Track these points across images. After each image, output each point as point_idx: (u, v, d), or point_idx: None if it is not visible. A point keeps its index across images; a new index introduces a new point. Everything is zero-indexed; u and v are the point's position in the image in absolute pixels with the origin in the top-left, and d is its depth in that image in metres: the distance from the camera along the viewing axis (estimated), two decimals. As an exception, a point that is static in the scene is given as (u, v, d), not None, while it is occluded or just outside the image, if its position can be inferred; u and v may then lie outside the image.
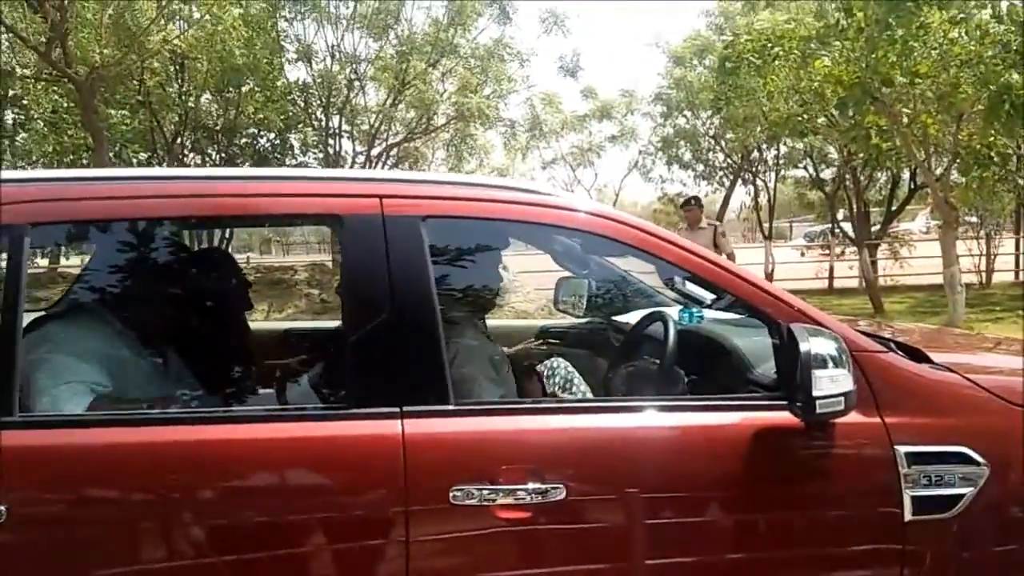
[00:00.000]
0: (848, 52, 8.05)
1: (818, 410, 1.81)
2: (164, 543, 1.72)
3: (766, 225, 20.98)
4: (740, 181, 21.53)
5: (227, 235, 11.45)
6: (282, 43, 15.62)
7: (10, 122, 9.93)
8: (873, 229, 16.78)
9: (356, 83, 15.83)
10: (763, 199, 21.36)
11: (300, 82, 16.19)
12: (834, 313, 2.37)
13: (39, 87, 9.86)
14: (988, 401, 2.04)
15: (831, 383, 1.82)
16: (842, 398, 1.83)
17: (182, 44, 10.59)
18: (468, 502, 1.79)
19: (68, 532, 1.68)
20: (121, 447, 1.73)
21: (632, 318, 2.94)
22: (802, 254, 18.62)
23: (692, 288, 2.37)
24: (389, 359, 1.87)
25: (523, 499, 1.80)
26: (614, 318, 3.22)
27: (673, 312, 2.94)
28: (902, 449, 1.92)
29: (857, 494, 1.97)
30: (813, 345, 1.84)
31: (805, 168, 19.49)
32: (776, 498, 1.97)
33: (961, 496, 1.92)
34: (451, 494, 1.78)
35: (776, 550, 1.97)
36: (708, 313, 2.45)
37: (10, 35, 8.25)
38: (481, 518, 1.81)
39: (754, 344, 2.31)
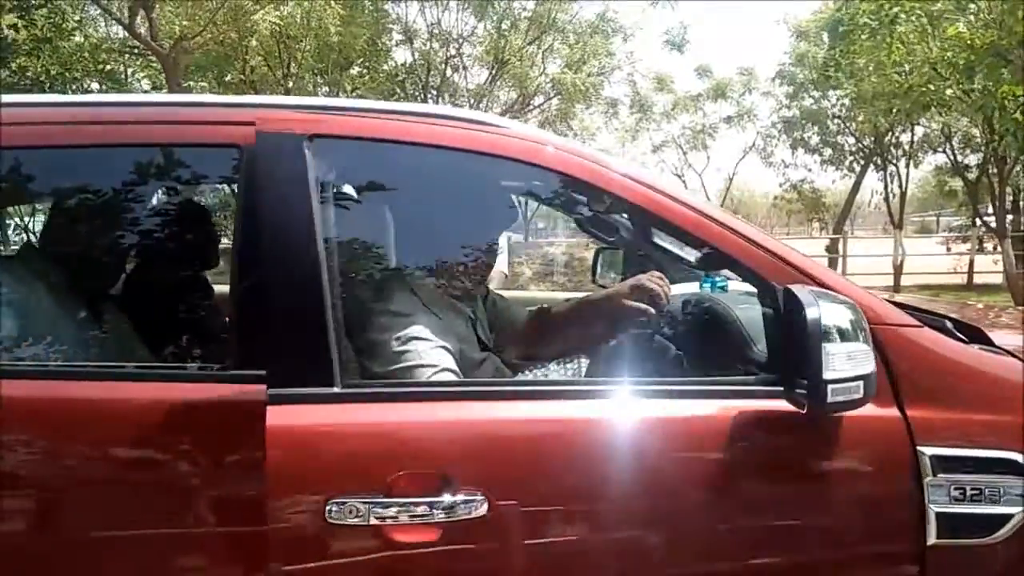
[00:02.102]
0: (985, 15, 7.06)
1: (830, 398, 1.39)
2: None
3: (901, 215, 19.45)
4: (872, 167, 20.03)
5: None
6: (389, 26, 15.77)
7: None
8: (1024, 220, 15.33)
9: (454, 62, 15.78)
10: (898, 187, 19.78)
11: (405, 64, 16.33)
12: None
13: (138, 61, 10.32)
14: None
15: (847, 362, 1.40)
16: (861, 383, 1.41)
17: (279, 22, 10.73)
18: (351, 521, 1.37)
19: None
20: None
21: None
22: (948, 248, 17.16)
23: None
24: (248, 322, 1.50)
25: (428, 516, 1.39)
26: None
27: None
28: (928, 451, 1.51)
29: (863, 509, 1.56)
30: (824, 312, 1.39)
31: (945, 152, 17.89)
32: (759, 513, 1.56)
33: (1008, 517, 1.50)
34: (327, 509, 1.37)
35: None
36: (734, 284, 2.16)
37: (96, 7, 8.65)
38: (368, 541, 1.39)
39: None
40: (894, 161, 19.59)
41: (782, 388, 1.48)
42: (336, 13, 11.56)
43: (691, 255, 1.98)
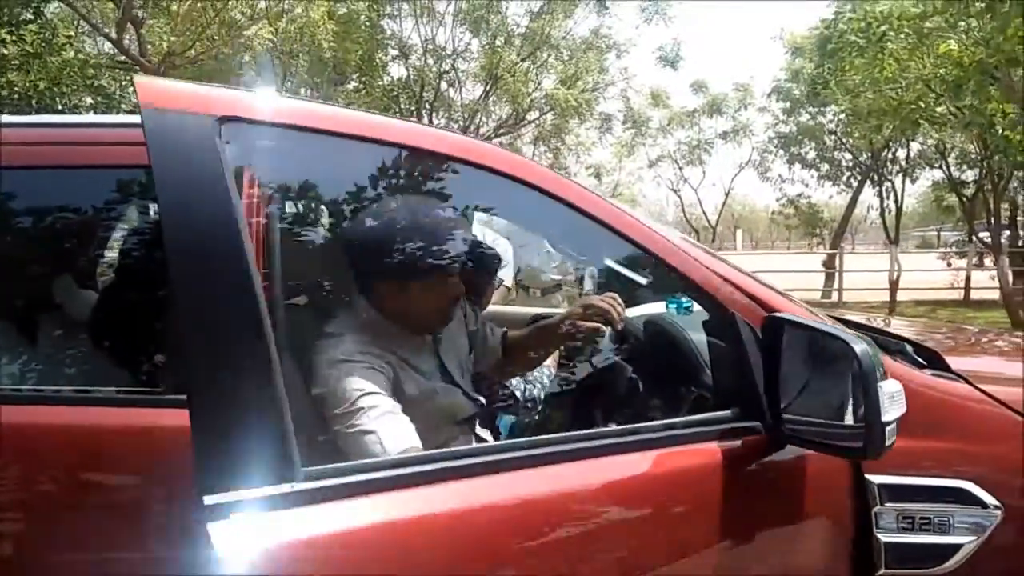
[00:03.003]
0: (975, 32, 7.04)
1: (887, 441, 1.29)
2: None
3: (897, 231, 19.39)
4: (869, 182, 20.02)
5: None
6: (385, 41, 15.82)
7: (92, 111, 10.47)
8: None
9: (448, 77, 15.80)
10: (894, 202, 19.76)
11: (400, 79, 16.36)
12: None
13: (128, 76, 10.32)
14: (1009, 423, 1.54)
15: (892, 403, 1.31)
16: (896, 423, 1.32)
17: (273, 37, 10.76)
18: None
19: None
20: None
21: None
22: (948, 264, 17.06)
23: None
24: None
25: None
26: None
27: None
28: (876, 480, 1.46)
29: (811, 538, 1.51)
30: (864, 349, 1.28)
31: (941, 168, 17.88)
32: (696, 538, 1.44)
33: (958, 547, 1.45)
34: None
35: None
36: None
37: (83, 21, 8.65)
38: None
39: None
40: (890, 176, 19.58)
41: (755, 423, 1.41)
42: (330, 29, 11.58)
43: (644, 278, 1.92)
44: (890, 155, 18.87)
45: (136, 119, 1.19)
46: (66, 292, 2.09)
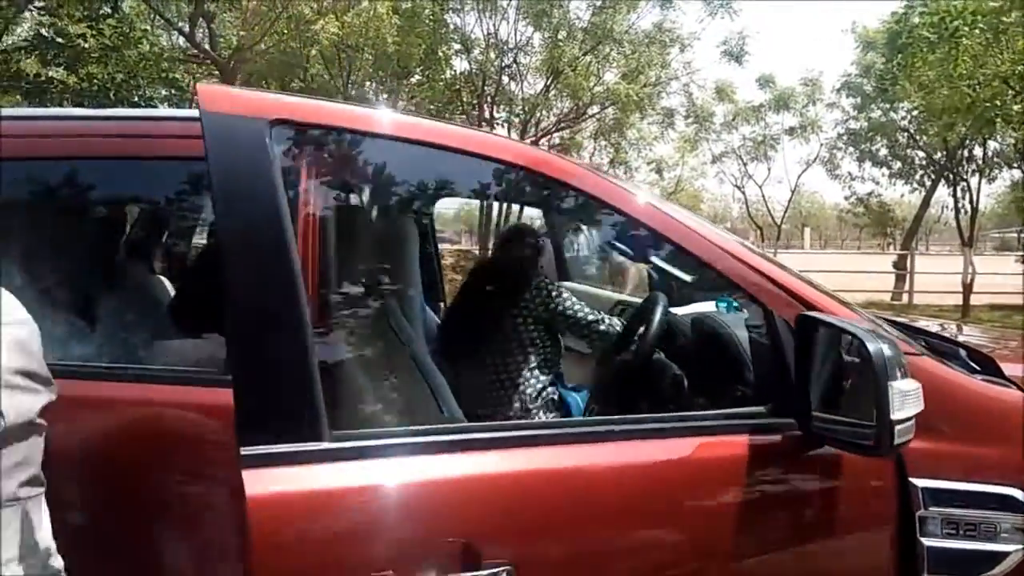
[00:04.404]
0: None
1: (897, 440, 1.29)
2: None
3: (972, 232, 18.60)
4: (943, 181, 19.28)
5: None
6: (448, 36, 15.93)
7: (165, 104, 10.84)
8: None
9: (510, 71, 15.82)
10: (969, 203, 18.97)
11: (462, 73, 16.47)
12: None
13: (200, 69, 10.66)
14: None
15: (905, 400, 1.30)
16: (913, 421, 1.32)
17: (339, 32, 10.95)
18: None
19: None
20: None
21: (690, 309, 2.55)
22: (1027, 266, 16.28)
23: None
24: None
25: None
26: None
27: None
28: (920, 484, 1.44)
29: (849, 540, 1.48)
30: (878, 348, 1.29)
31: (1020, 168, 17.10)
32: (736, 534, 1.45)
33: (1004, 554, 1.42)
34: None
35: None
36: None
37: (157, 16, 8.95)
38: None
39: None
40: (966, 176, 18.81)
41: (791, 420, 1.40)
42: (394, 24, 11.73)
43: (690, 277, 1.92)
44: (966, 154, 18.12)
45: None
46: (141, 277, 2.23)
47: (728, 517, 1.40)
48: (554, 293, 2.53)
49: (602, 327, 2.54)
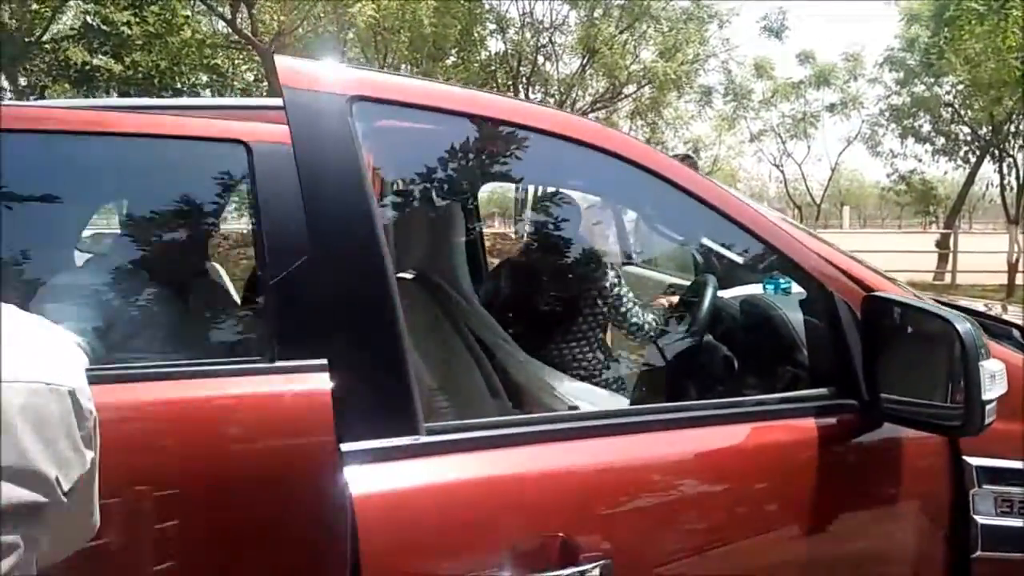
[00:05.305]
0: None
1: (987, 419, 1.31)
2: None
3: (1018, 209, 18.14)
4: (989, 158, 18.80)
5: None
6: (483, 16, 15.88)
7: (208, 89, 10.97)
8: None
9: (545, 51, 15.74)
10: (1015, 179, 18.49)
11: (497, 54, 16.42)
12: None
13: (241, 54, 10.78)
14: None
15: (994, 382, 1.32)
16: (996, 402, 1.33)
17: (375, 15, 10.98)
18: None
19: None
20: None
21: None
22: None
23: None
24: None
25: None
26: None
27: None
28: (974, 462, 1.45)
29: (905, 518, 1.50)
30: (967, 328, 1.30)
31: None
32: (801, 515, 1.47)
33: None
34: None
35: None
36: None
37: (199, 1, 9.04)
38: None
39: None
40: (1013, 152, 18.32)
41: (851, 401, 1.42)
42: (429, 5, 11.73)
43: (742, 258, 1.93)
44: (1012, 129, 17.61)
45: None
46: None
47: (796, 498, 1.42)
48: (624, 297, 2.63)
49: (645, 329, 2.65)
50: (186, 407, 1.17)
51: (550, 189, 2.73)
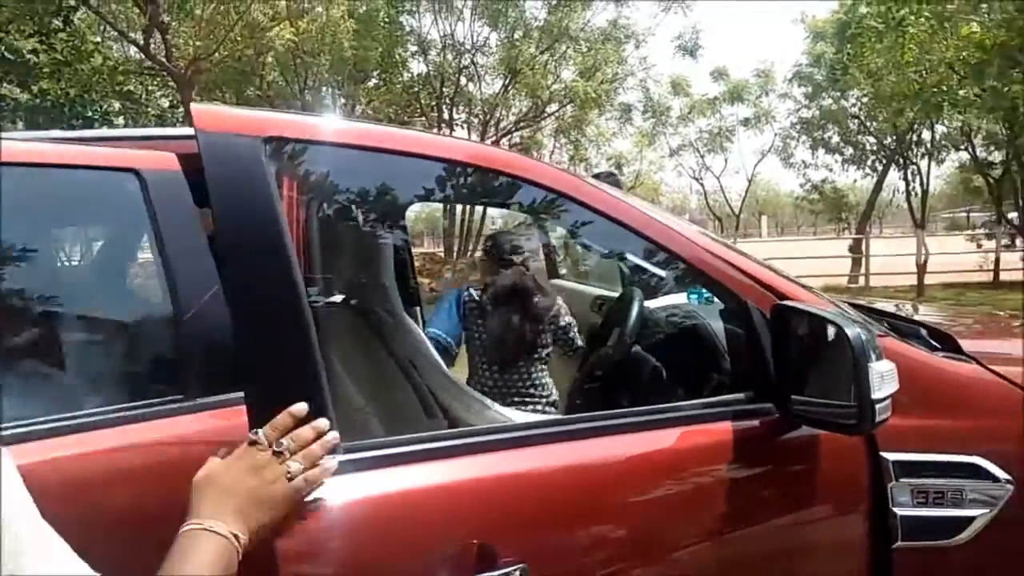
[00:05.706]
0: (997, 15, 6.98)
1: (878, 417, 1.36)
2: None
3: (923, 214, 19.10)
4: (894, 166, 19.78)
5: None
6: (404, 38, 15.89)
7: (121, 117, 10.65)
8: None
9: (467, 72, 15.85)
10: (919, 185, 19.49)
11: (420, 75, 16.45)
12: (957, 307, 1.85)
13: (156, 80, 10.52)
14: (1018, 400, 1.58)
15: (883, 380, 1.37)
16: (890, 400, 1.39)
17: (295, 38, 10.89)
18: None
19: None
20: None
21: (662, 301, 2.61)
22: (978, 245, 16.76)
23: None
24: None
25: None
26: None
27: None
28: (891, 457, 1.51)
29: (828, 513, 1.56)
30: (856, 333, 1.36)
31: (967, 150, 17.61)
32: (726, 516, 1.52)
33: (971, 519, 1.50)
34: None
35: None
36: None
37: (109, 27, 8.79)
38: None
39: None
40: (916, 159, 19.32)
41: (770, 406, 1.48)
42: (350, 28, 11.68)
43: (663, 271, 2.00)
44: (915, 138, 18.57)
45: None
46: None
47: (720, 499, 1.46)
48: (572, 324, 2.76)
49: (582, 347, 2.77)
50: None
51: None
